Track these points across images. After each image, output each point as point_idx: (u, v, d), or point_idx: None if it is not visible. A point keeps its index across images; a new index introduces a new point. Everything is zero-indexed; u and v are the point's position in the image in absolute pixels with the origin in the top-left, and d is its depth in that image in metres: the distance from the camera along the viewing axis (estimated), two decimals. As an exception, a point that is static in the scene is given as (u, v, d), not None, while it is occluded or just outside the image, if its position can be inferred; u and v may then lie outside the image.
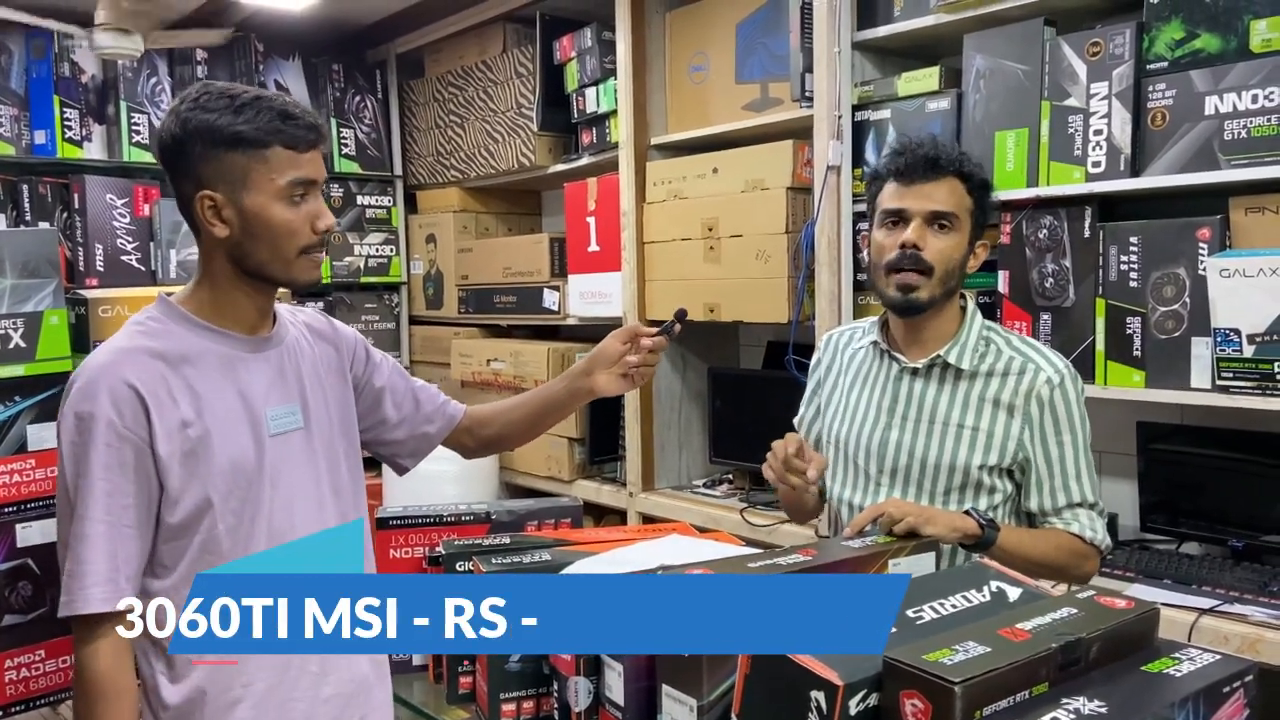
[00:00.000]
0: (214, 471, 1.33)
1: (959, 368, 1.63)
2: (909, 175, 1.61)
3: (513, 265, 3.61)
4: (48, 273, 1.68)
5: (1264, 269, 1.84)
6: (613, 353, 1.64)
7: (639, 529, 1.86)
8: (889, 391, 1.69)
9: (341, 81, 4.03)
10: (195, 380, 1.33)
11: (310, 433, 1.44)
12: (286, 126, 1.33)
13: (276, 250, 1.35)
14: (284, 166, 1.33)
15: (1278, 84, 1.87)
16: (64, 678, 1.69)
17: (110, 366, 1.30)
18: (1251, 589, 1.95)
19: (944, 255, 1.58)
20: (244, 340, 1.40)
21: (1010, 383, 1.61)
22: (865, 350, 1.75)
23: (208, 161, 1.32)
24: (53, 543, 1.60)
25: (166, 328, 1.36)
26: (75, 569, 1.27)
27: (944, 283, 1.60)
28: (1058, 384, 1.59)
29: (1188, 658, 1.02)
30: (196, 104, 1.32)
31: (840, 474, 1.74)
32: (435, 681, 1.71)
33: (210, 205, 1.33)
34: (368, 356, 1.60)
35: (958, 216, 1.60)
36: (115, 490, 1.28)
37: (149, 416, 1.29)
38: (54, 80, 3.47)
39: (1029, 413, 1.59)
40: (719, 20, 2.93)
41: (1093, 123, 2.12)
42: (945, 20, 2.33)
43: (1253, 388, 1.89)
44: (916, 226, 1.58)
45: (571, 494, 3.18)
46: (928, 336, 1.65)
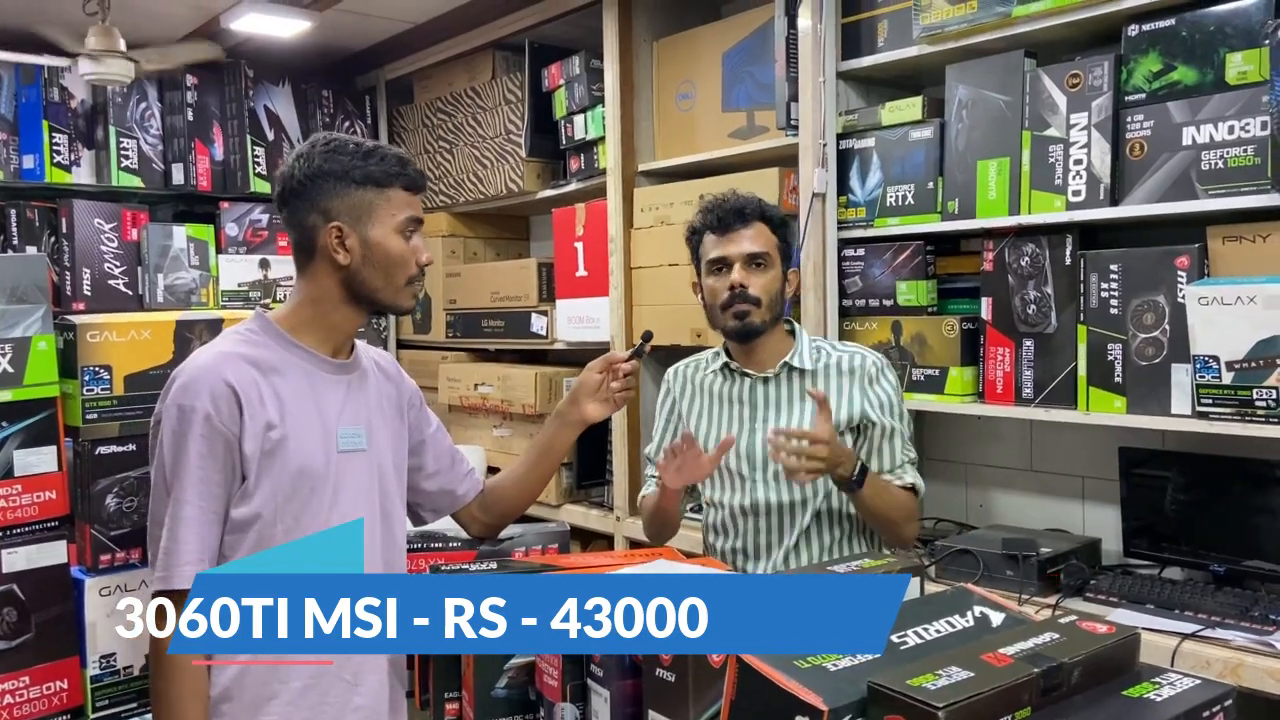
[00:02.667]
0: (285, 474, 1.46)
1: (803, 368, 1.93)
2: (723, 226, 1.91)
3: (501, 290, 3.63)
4: (36, 298, 1.68)
5: (1241, 297, 1.87)
6: (592, 383, 1.79)
7: (626, 554, 1.86)
8: (746, 401, 1.96)
9: (331, 107, 4.05)
10: (282, 389, 1.48)
11: (371, 456, 1.57)
12: (405, 171, 1.52)
13: (390, 278, 1.52)
14: (402, 205, 1.52)
15: (1253, 115, 1.91)
16: (49, 704, 1.68)
17: (212, 367, 1.44)
18: (1233, 614, 1.96)
19: (765, 288, 1.89)
20: (327, 361, 1.54)
21: (845, 367, 1.93)
22: (715, 374, 2.01)
23: (339, 197, 1.49)
24: (38, 569, 1.67)
25: (262, 339, 1.51)
26: (171, 547, 1.41)
27: (771, 309, 1.90)
28: (881, 365, 1.95)
29: (1168, 682, 1.03)
30: (329, 148, 1.50)
31: (716, 483, 1.98)
32: (422, 708, 1.71)
33: (337, 235, 1.49)
34: (421, 406, 1.75)
35: (769, 254, 1.90)
36: (207, 478, 1.43)
37: (242, 414, 1.43)
38: (43, 105, 3.49)
39: (865, 387, 1.91)
40: (706, 49, 2.96)
41: (1073, 152, 2.15)
42: (928, 51, 2.37)
43: (1232, 414, 1.91)
44: (738, 269, 1.88)
45: (559, 519, 3.18)
46: (764, 356, 1.95)
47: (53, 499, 1.70)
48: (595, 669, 1.25)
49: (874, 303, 2.54)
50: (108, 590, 1.72)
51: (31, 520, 1.68)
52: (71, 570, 1.72)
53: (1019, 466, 2.60)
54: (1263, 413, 1.87)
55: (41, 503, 1.69)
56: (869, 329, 2.53)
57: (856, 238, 2.56)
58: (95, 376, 1.73)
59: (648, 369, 3.16)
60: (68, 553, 1.72)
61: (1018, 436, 2.59)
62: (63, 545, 1.71)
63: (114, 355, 1.75)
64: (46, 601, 1.68)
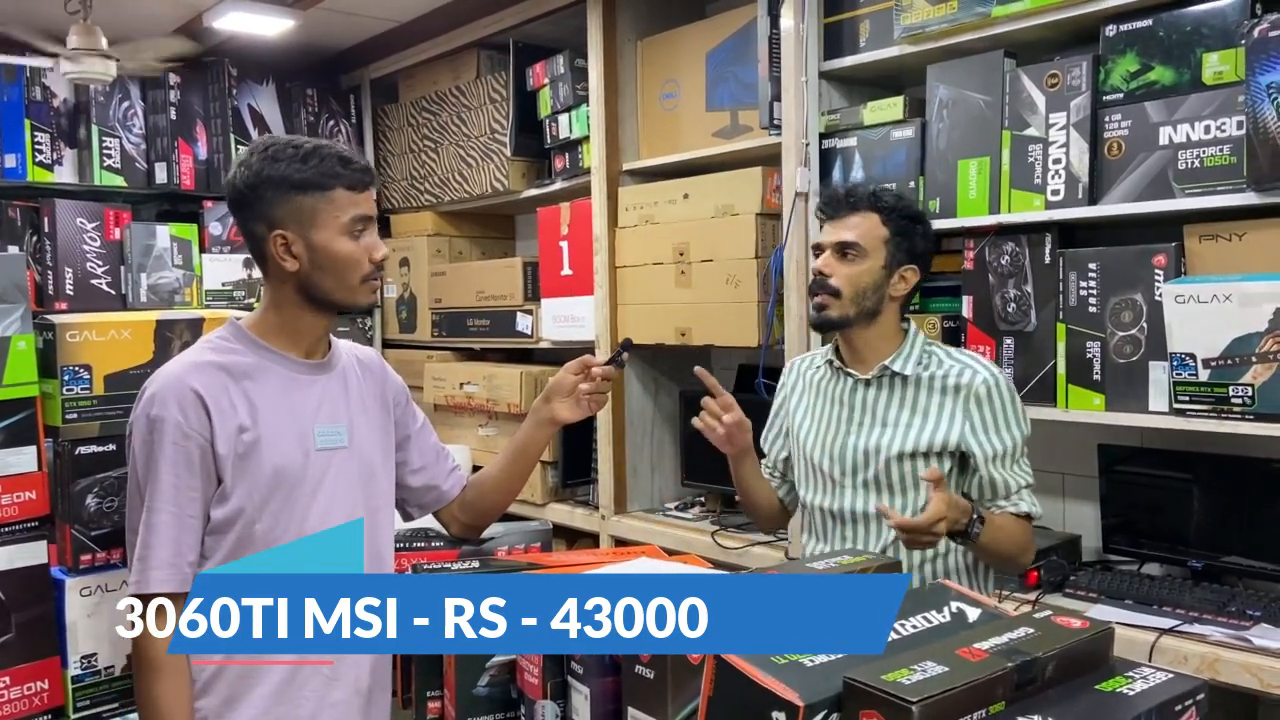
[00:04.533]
0: (261, 475, 1.48)
1: (903, 374, 1.81)
2: (828, 212, 1.86)
3: (486, 289, 3.63)
4: (15, 298, 1.67)
5: (1218, 295, 1.89)
6: (567, 383, 1.79)
7: (610, 552, 1.87)
8: (845, 403, 1.87)
9: (315, 106, 4.04)
10: (254, 393, 1.50)
11: (352, 452, 1.58)
12: (346, 171, 1.49)
13: (341, 279, 1.52)
14: (345, 206, 1.50)
15: (1229, 115, 1.93)
16: (29, 705, 1.67)
17: (180, 376, 1.47)
18: (1210, 609, 1.98)
19: (850, 280, 1.79)
20: (300, 363, 1.56)
21: (950, 383, 1.79)
22: (823, 369, 1.94)
23: (279, 205, 1.48)
24: (18, 569, 1.69)
25: (233, 346, 1.53)
26: (143, 553, 1.44)
27: (856, 303, 1.80)
28: (994, 384, 1.78)
29: (1141, 676, 1.04)
30: (266, 155, 1.48)
31: (808, 481, 1.91)
32: (404, 707, 1.71)
33: (282, 243, 1.49)
34: (407, 403, 1.77)
35: (863, 245, 1.79)
36: (181, 484, 1.45)
37: (210, 419, 1.45)
38: (25, 104, 3.47)
39: (969, 409, 1.77)
40: (689, 49, 2.97)
41: (1051, 152, 2.16)
42: (909, 51, 2.38)
43: (1208, 411, 1.93)
44: (826, 257, 1.82)
45: (544, 517, 3.18)
46: (868, 355, 1.85)
47: (32, 499, 1.69)
48: (575, 666, 1.26)
49: (856, 301, 2.54)
50: (88, 590, 1.71)
51: (11, 520, 1.67)
52: (52, 570, 1.72)
53: (1000, 464, 2.61)
54: (1239, 409, 1.88)
55: (21, 503, 1.68)
56: (851, 327, 2.54)
57: (839, 237, 2.57)
58: (75, 376, 1.73)
59: (633, 371, 3.17)
60: (48, 553, 1.71)
61: (999, 434, 2.60)
62: (43, 545, 1.70)
63: (94, 355, 1.74)
64: (27, 602, 1.67)
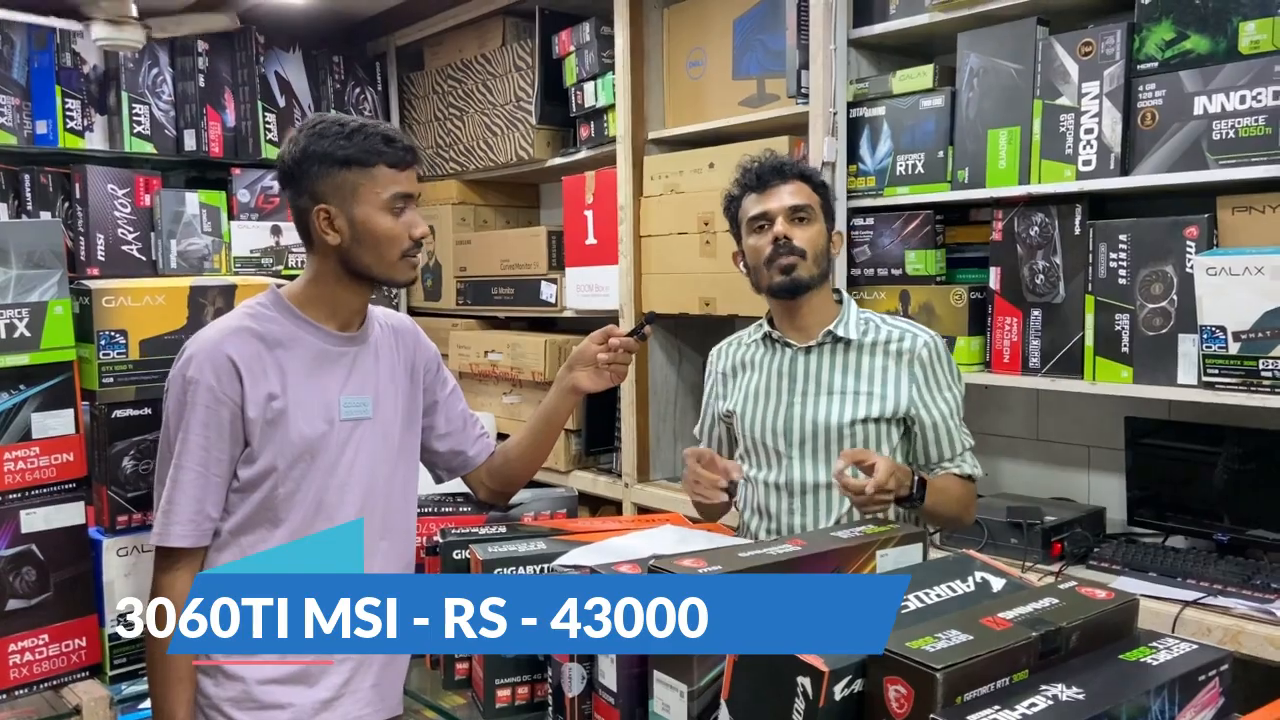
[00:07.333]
0: (287, 441, 1.53)
1: (847, 339, 1.83)
2: (763, 184, 1.83)
3: (510, 258, 3.64)
4: (52, 264, 1.70)
5: (1250, 268, 1.87)
6: (589, 352, 1.83)
7: (633, 519, 1.88)
8: (785, 373, 1.86)
9: (342, 74, 4.04)
10: (286, 362, 1.55)
11: (377, 423, 1.63)
12: (389, 149, 1.54)
13: (380, 254, 1.56)
14: (387, 183, 1.54)
15: (1266, 85, 1.90)
16: (67, 662, 1.71)
17: (217, 342, 1.52)
18: (1235, 582, 1.98)
19: (811, 241, 1.81)
20: (334, 335, 1.60)
21: (893, 348, 1.82)
22: (755, 345, 1.93)
23: (323, 179, 1.53)
24: (56, 529, 1.72)
25: (270, 314, 1.57)
26: (167, 508, 1.51)
27: (817, 264, 1.82)
28: (934, 346, 1.82)
29: (1165, 647, 1.05)
30: (314, 131, 1.54)
31: (752, 457, 1.90)
32: (431, 667, 1.74)
33: (325, 217, 1.54)
34: (439, 370, 1.80)
35: (811, 208, 1.82)
36: (209, 445, 1.51)
37: (243, 385, 1.51)
38: (55, 70, 3.48)
39: (914, 372, 1.80)
40: (716, 16, 2.95)
41: (1084, 121, 2.14)
42: (940, 19, 2.36)
43: (1238, 384, 1.92)
44: (781, 221, 1.80)
45: (568, 485, 3.21)
46: (809, 322, 1.85)
47: (70, 461, 1.72)
48: (602, 630, 1.28)
49: (882, 272, 2.54)
50: (125, 550, 1.75)
51: (49, 481, 1.71)
52: (89, 531, 1.75)
53: (1025, 436, 2.62)
54: (1268, 383, 1.87)
55: (59, 464, 1.71)
56: (877, 298, 2.54)
57: (866, 207, 2.56)
58: (111, 341, 1.75)
59: (656, 341, 3.17)
60: (85, 514, 1.75)
61: (1024, 406, 2.60)
62: (80, 506, 1.73)
63: (129, 320, 1.77)
64: (65, 561, 1.71)
